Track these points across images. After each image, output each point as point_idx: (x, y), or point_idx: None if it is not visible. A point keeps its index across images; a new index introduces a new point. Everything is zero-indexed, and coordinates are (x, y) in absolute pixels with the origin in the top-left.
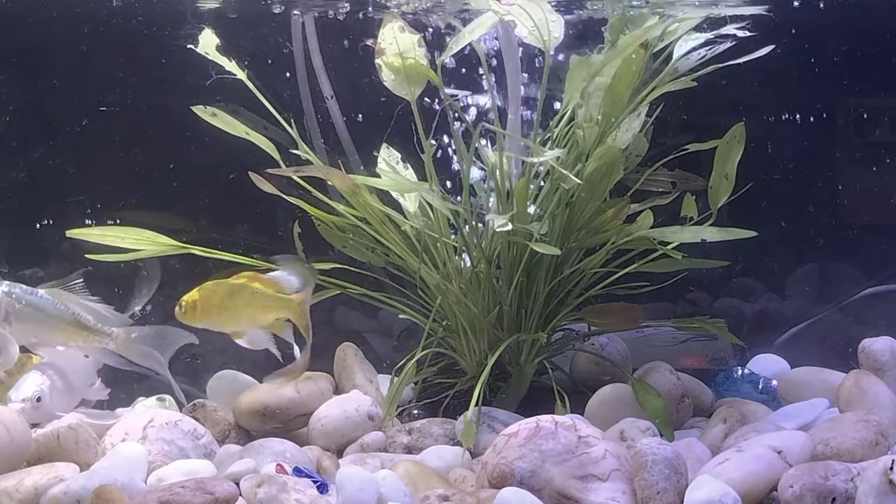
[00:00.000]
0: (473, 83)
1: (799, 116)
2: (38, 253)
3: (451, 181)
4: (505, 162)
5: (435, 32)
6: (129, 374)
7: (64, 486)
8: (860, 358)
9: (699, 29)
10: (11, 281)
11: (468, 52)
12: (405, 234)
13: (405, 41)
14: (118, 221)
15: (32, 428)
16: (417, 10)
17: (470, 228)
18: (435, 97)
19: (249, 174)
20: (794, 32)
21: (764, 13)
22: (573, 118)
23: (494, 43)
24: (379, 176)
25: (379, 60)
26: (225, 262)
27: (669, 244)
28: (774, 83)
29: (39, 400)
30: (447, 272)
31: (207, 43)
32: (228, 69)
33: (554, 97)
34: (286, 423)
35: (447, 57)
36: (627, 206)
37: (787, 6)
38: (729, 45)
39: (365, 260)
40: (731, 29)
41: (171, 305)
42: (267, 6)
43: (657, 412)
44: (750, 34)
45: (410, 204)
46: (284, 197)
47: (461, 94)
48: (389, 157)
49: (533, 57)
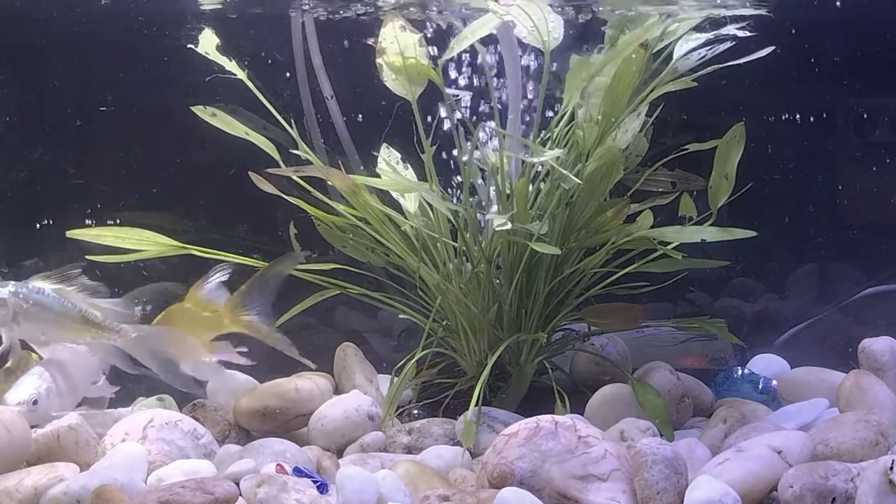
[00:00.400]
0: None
1: (799, 116)
2: (38, 253)
3: (451, 182)
4: (505, 162)
5: (436, 31)
6: (129, 373)
7: (64, 486)
8: (860, 358)
9: (700, 29)
10: (12, 275)
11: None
12: (405, 234)
13: (406, 40)
14: (118, 221)
15: (32, 428)
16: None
17: (469, 222)
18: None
19: (249, 174)
20: (793, 32)
21: (764, 13)
22: (573, 118)
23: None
24: (379, 176)
25: (380, 60)
26: (224, 262)
27: (669, 244)
28: (774, 83)
29: (36, 403)
30: (447, 272)
31: (207, 43)
32: (228, 69)
33: (554, 97)
34: (286, 423)
35: (448, 57)
36: (627, 206)
37: (787, 6)
38: (729, 45)
39: (365, 260)
40: (731, 29)
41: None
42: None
43: (657, 412)
44: (751, 34)
45: (410, 204)
46: (284, 197)
47: (462, 94)
48: (389, 156)
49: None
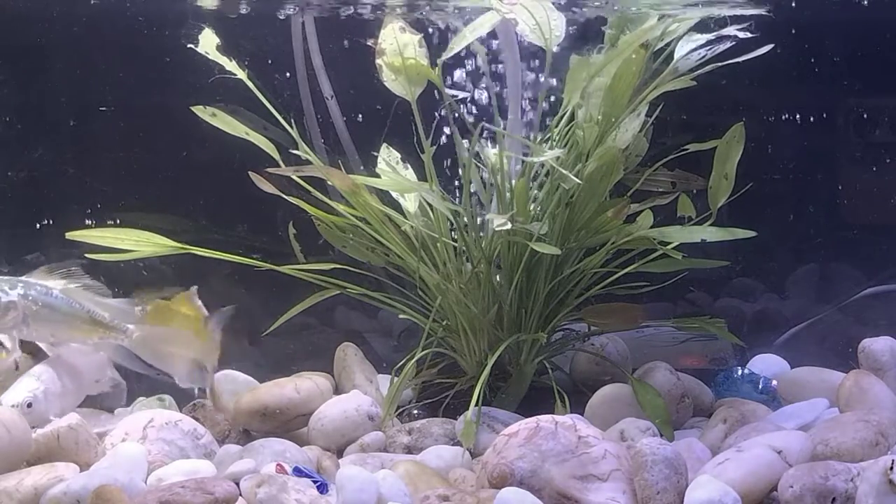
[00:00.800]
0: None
1: (799, 116)
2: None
3: (451, 182)
4: (505, 162)
5: (436, 32)
6: (129, 373)
7: (64, 486)
8: (860, 358)
9: (700, 29)
10: (13, 271)
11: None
12: (405, 234)
13: (405, 41)
14: (118, 222)
15: (32, 428)
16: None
17: (470, 222)
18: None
19: (249, 174)
20: (794, 32)
21: (764, 13)
22: (573, 118)
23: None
24: (379, 176)
25: (379, 60)
26: (224, 262)
27: (669, 244)
28: (774, 83)
29: (30, 406)
30: (447, 272)
31: (208, 43)
32: (229, 69)
33: (555, 97)
34: (286, 423)
35: (448, 56)
36: (627, 206)
37: (787, 6)
38: (729, 44)
39: (365, 260)
40: (731, 30)
41: None
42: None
43: (657, 412)
44: (751, 34)
45: (410, 204)
46: (284, 197)
47: (462, 94)
48: (389, 157)
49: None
